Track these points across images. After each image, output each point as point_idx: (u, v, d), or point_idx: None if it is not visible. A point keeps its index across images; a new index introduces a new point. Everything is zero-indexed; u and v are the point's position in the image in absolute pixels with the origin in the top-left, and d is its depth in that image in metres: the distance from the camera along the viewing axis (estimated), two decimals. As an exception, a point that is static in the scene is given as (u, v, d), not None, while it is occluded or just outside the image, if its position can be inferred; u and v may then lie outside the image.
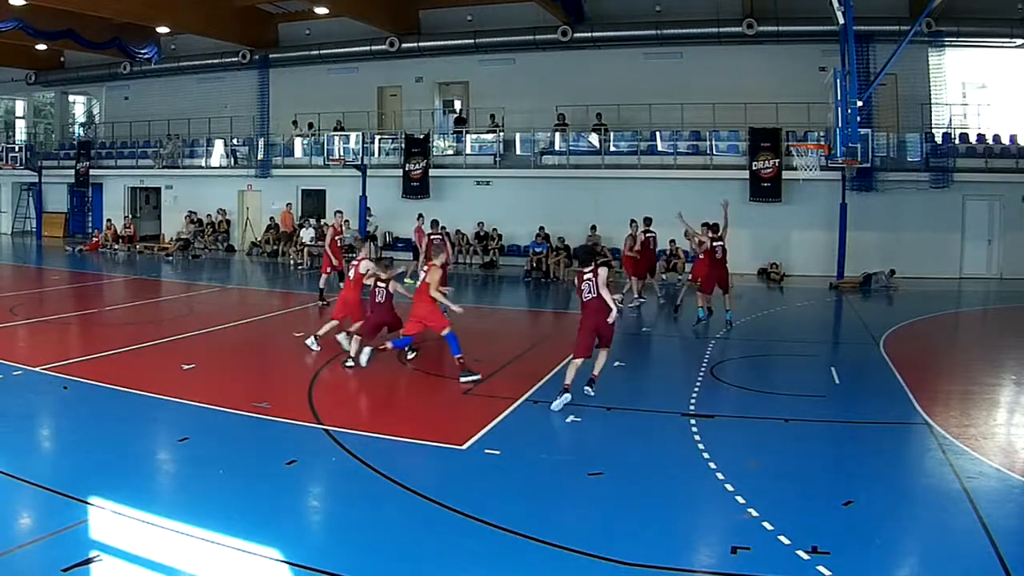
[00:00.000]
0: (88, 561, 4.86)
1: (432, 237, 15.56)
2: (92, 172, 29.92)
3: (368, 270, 10.61)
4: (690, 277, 15.51)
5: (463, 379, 9.51)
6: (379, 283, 10.30)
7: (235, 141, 28.18)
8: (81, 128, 34.66)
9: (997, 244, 21.12)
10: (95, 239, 27.26)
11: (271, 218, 26.42)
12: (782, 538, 5.32)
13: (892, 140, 21.45)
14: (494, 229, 23.77)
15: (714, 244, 13.38)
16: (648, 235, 16.57)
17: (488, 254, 23.62)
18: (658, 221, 16.76)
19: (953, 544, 5.44)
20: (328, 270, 15.56)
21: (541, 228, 22.02)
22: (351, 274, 11.01)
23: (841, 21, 17.61)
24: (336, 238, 15.67)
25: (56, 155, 32.14)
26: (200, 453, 6.96)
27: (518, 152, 24.82)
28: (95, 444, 7.18)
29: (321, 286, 15.66)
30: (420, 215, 19.50)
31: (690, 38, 23.19)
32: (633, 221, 16.58)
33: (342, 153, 24.82)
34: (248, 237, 27.42)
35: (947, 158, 20.62)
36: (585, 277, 8.73)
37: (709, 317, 13.50)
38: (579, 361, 8.65)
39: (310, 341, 11.14)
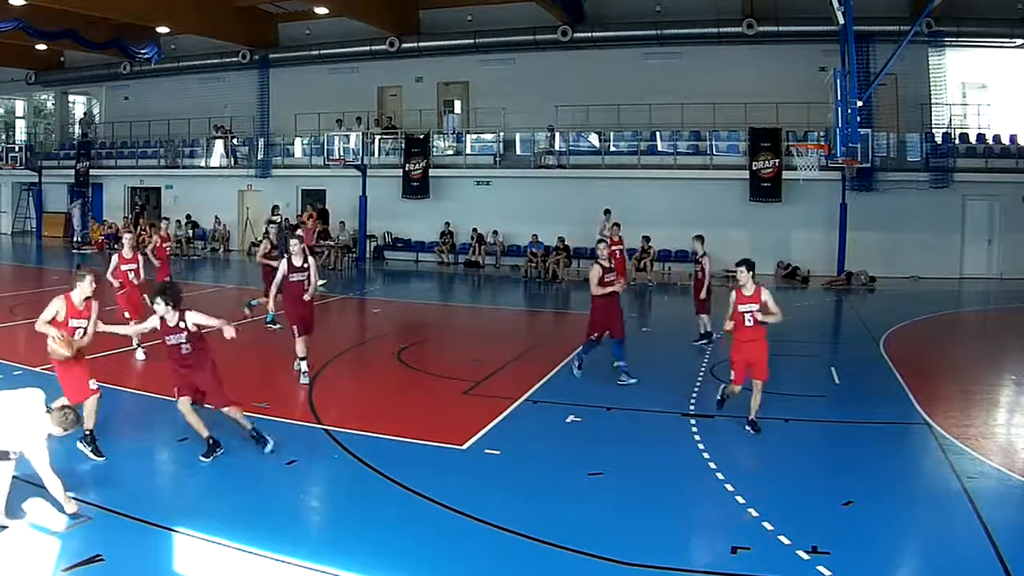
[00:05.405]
0: (88, 561, 4.86)
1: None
2: (92, 172, 29.90)
3: None
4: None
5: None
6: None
7: (235, 141, 28.17)
8: (81, 128, 34.62)
9: (997, 244, 21.12)
10: (99, 237, 27.15)
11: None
12: (782, 538, 5.32)
13: (892, 140, 21.44)
14: (494, 232, 23.79)
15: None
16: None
17: (480, 254, 23.73)
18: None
19: (953, 544, 5.44)
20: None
21: (534, 236, 22.17)
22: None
23: (841, 21, 17.62)
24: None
25: (56, 155, 32.13)
26: (200, 453, 6.95)
27: (518, 152, 24.82)
28: (95, 444, 7.16)
29: None
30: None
31: (690, 38, 23.16)
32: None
33: (342, 153, 24.81)
34: (248, 237, 27.38)
35: (947, 158, 20.62)
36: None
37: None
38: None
39: None
